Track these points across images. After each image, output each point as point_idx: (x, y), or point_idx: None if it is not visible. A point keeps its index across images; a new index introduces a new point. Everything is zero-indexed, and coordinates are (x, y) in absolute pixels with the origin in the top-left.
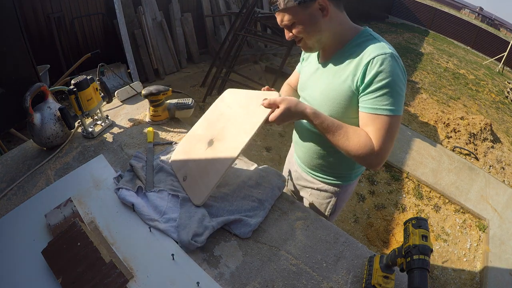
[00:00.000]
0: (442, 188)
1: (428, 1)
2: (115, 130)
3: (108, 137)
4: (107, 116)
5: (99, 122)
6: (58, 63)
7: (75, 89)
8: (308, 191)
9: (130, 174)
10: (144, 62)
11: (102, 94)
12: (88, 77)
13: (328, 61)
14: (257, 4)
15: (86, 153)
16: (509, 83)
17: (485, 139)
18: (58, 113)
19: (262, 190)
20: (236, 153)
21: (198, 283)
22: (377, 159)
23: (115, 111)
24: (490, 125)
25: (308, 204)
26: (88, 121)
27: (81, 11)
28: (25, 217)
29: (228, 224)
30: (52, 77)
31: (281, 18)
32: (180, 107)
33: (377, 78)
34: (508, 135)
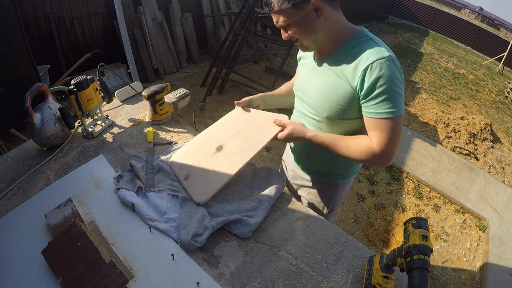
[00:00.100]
0: (442, 188)
1: (428, 1)
2: (115, 130)
3: (108, 137)
4: (107, 116)
5: (99, 122)
6: (58, 63)
7: (75, 89)
8: (305, 189)
9: (130, 174)
10: (144, 62)
11: (102, 94)
12: (88, 77)
13: (324, 61)
14: (257, 4)
15: (86, 153)
16: (509, 83)
17: (485, 139)
18: (58, 113)
19: (262, 190)
20: (249, 157)
21: (198, 283)
22: (381, 160)
23: (115, 111)
24: (490, 125)
25: (307, 203)
26: (88, 121)
27: (81, 11)
28: (25, 217)
29: (228, 224)
30: (52, 77)
31: (277, 19)
32: (181, 98)
33: (377, 84)
34: (508, 135)
